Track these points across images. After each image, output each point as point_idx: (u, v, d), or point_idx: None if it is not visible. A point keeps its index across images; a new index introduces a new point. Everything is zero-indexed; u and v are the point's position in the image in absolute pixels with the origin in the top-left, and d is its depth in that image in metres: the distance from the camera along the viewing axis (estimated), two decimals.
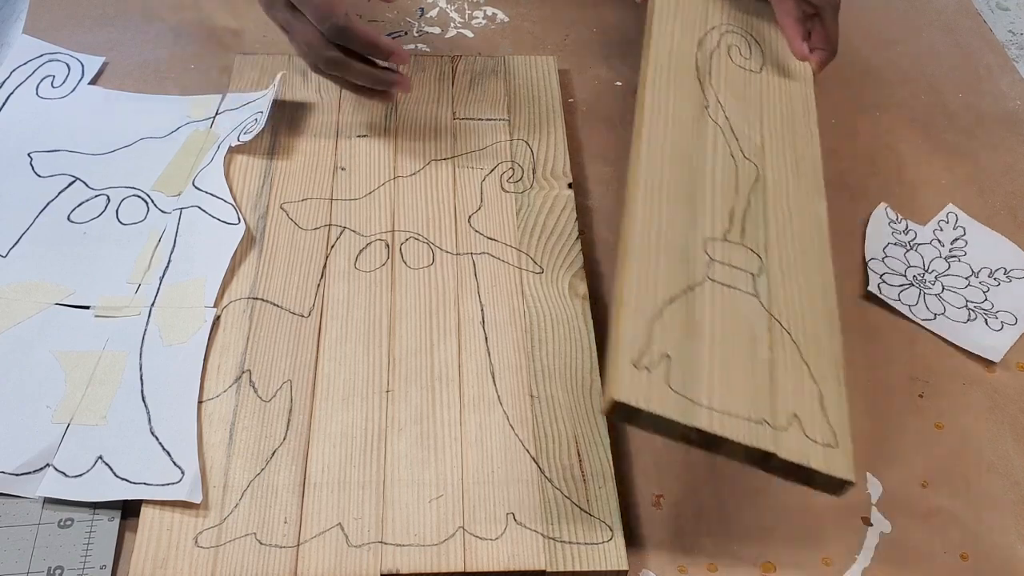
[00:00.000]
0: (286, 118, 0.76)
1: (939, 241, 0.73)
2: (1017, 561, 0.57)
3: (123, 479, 0.55)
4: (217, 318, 0.64)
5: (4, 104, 0.77)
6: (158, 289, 0.65)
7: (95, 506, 0.55)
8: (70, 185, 0.71)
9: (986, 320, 0.68)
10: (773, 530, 0.57)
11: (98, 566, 0.53)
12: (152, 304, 0.64)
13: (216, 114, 0.76)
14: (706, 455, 0.60)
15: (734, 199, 0.62)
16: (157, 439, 0.57)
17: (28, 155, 0.73)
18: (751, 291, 0.57)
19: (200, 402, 0.59)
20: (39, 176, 0.71)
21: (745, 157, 0.64)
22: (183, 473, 0.56)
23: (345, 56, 0.68)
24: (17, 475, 0.56)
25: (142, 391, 0.59)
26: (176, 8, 0.87)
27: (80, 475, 0.55)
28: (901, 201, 0.76)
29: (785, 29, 0.74)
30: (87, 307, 0.64)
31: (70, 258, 0.66)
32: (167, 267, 0.66)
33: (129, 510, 0.55)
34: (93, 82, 0.79)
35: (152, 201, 0.70)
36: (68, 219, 0.69)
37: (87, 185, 0.71)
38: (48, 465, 0.56)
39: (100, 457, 0.56)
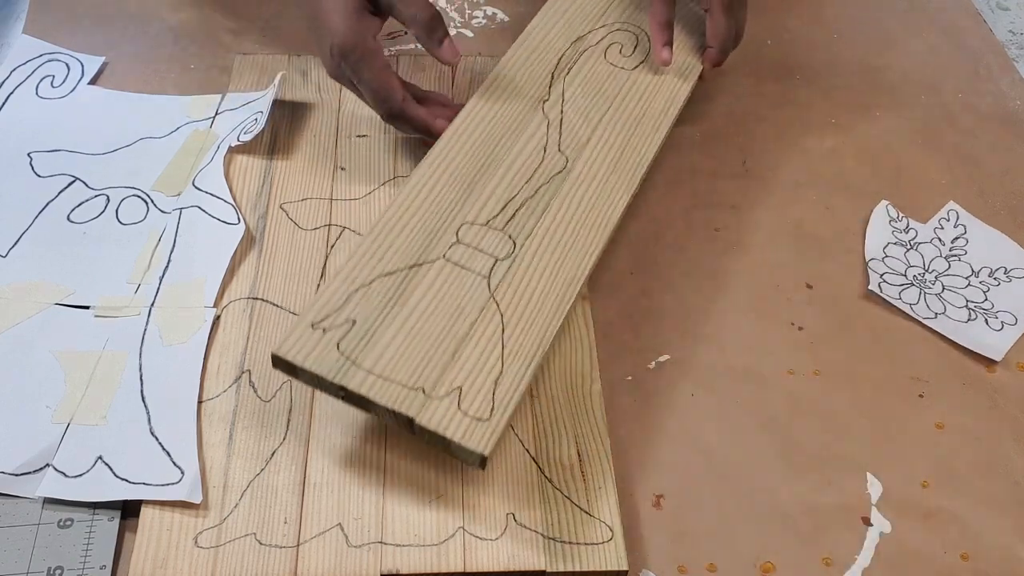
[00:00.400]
0: (286, 118, 0.76)
1: (940, 239, 0.73)
2: (1017, 561, 0.57)
3: (123, 479, 0.55)
4: (217, 318, 0.64)
5: (4, 104, 0.77)
6: (158, 289, 0.65)
7: (95, 506, 0.55)
8: (70, 185, 0.71)
9: (986, 320, 0.68)
10: (773, 530, 0.57)
11: (98, 566, 0.53)
12: (152, 304, 0.64)
13: (216, 114, 0.76)
14: (706, 455, 0.60)
15: (520, 188, 0.64)
16: (157, 439, 0.57)
17: (28, 155, 0.73)
18: (483, 274, 0.60)
19: (200, 402, 0.59)
20: (39, 176, 0.71)
21: (559, 150, 0.67)
22: (183, 473, 0.56)
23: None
24: (17, 475, 0.56)
25: (142, 391, 0.59)
26: (176, 8, 0.87)
27: (80, 475, 0.55)
28: (901, 201, 0.76)
29: (651, 32, 0.73)
30: (87, 307, 0.64)
31: (70, 258, 0.66)
32: (167, 267, 0.66)
33: (129, 510, 0.55)
34: (93, 82, 0.79)
35: (152, 201, 0.70)
36: (68, 219, 0.69)
37: (87, 185, 0.71)
38: (48, 465, 0.56)
39: (100, 457, 0.56)
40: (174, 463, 0.56)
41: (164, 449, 0.57)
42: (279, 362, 0.55)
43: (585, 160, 0.66)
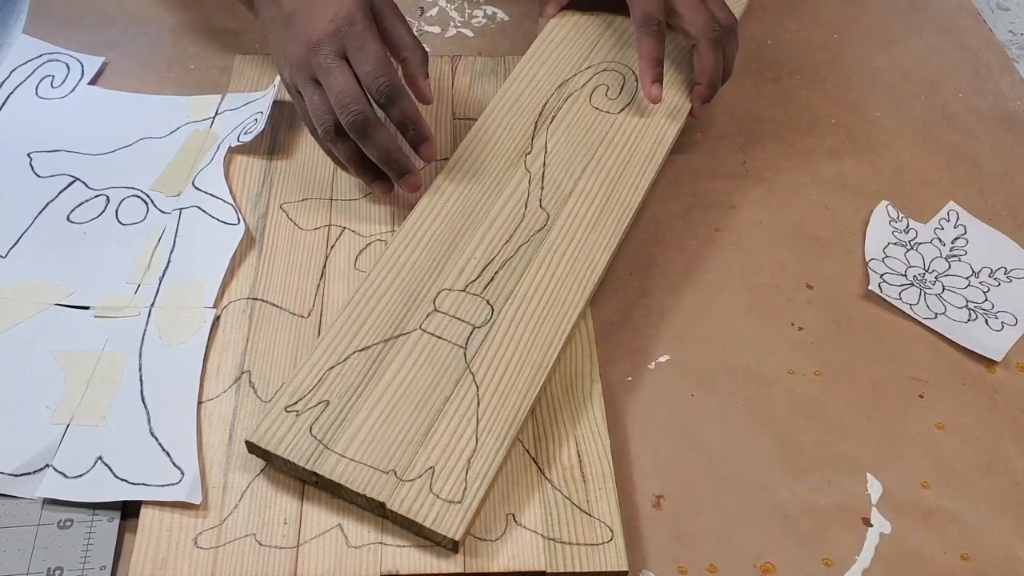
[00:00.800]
0: (286, 118, 0.76)
1: (940, 240, 0.73)
2: (1017, 561, 0.57)
3: (122, 480, 0.55)
4: (217, 318, 0.64)
5: (4, 104, 0.77)
6: (158, 289, 0.65)
7: (95, 507, 0.55)
8: (70, 185, 0.71)
9: (986, 320, 0.68)
10: (773, 530, 0.57)
11: (98, 567, 0.53)
12: (152, 304, 0.64)
13: (216, 114, 0.76)
14: (706, 455, 0.60)
15: (500, 250, 0.63)
16: (157, 440, 0.57)
17: (28, 155, 0.73)
18: (460, 343, 0.59)
19: (200, 402, 0.59)
20: (39, 176, 0.71)
21: (541, 207, 0.66)
22: (183, 474, 0.56)
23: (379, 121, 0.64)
24: (16, 476, 0.56)
25: (141, 391, 0.59)
26: (176, 8, 0.86)
27: (80, 476, 0.55)
28: (901, 201, 0.76)
29: (639, 70, 0.72)
30: (87, 307, 0.64)
31: (70, 258, 0.66)
32: (167, 267, 0.66)
33: (129, 511, 0.55)
34: (93, 82, 0.79)
35: (152, 201, 0.70)
36: (68, 219, 0.69)
37: (87, 185, 0.71)
38: (47, 466, 0.56)
39: (100, 458, 0.56)
40: (174, 464, 0.56)
41: (164, 450, 0.57)
42: (253, 448, 0.55)
43: (567, 215, 0.66)
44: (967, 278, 0.71)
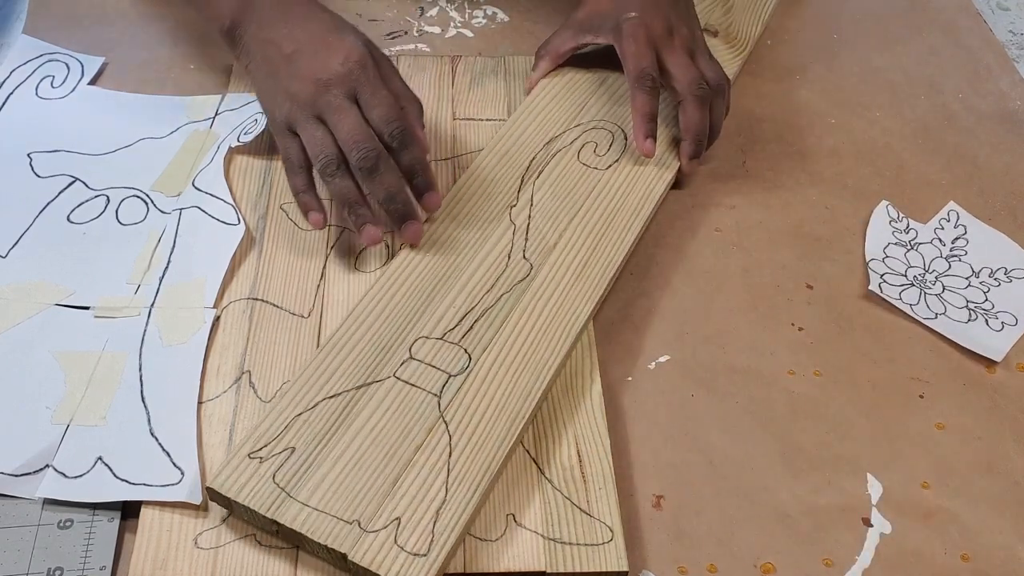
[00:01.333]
0: None
1: (940, 240, 0.73)
2: (1017, 562, 0.57)
3: (123, 480, 0.55)
4: (217, 319, 0.64)
5: (4, 104, 0.77)
6: (158, 289, 0.65)
7: (95, 507, 0.55)
8: (70, 185, 0.71)
9: (987, 320, 0.68)
10: (773, 530, 0.57)
11: (98, 567, 0.53)
12: (152, 304, 0.64)
13: (216, 114, 0.76)
14: (706, 455, 0.60)
15: (481, 299, 0.63)
16: (157, 440, 0.57)
17: (28, 155, 0.73)
18: (435, 392, 0.58)
19: (200, 403, 0.59)
20: (39, 176, 0.71)
21: (524, 257, 0.65)
22: (183, 474, 0.56)
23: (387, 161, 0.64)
24: (16, 476, 0.56)
25: (142, 392, 0.59)
26: (176, 8, 0.86)
27: (80, 476, 0.55)
28: (901, 202, 0.76)
29: (633, 124, 0.72)
30: (87, 307, 0.64)
31: (70, 258, 0.66)
32: (167, 267, 0.66)
33: (129, 511, 0.55)
34: (93, 82, 0.79)
35: (152, 201, 0.70)
36: (68, 219, 0.69)
37: (87, 185, 0.71)
38: (48, 466, 0.56)
39: (100, 458, 0.56)
40: (174, 464, 0.56)
41: (164, 450, 0.57)
42: (214, 495, 0.53)
43: (550, 266, 0.65)
44: (967, 278, 0.71)
